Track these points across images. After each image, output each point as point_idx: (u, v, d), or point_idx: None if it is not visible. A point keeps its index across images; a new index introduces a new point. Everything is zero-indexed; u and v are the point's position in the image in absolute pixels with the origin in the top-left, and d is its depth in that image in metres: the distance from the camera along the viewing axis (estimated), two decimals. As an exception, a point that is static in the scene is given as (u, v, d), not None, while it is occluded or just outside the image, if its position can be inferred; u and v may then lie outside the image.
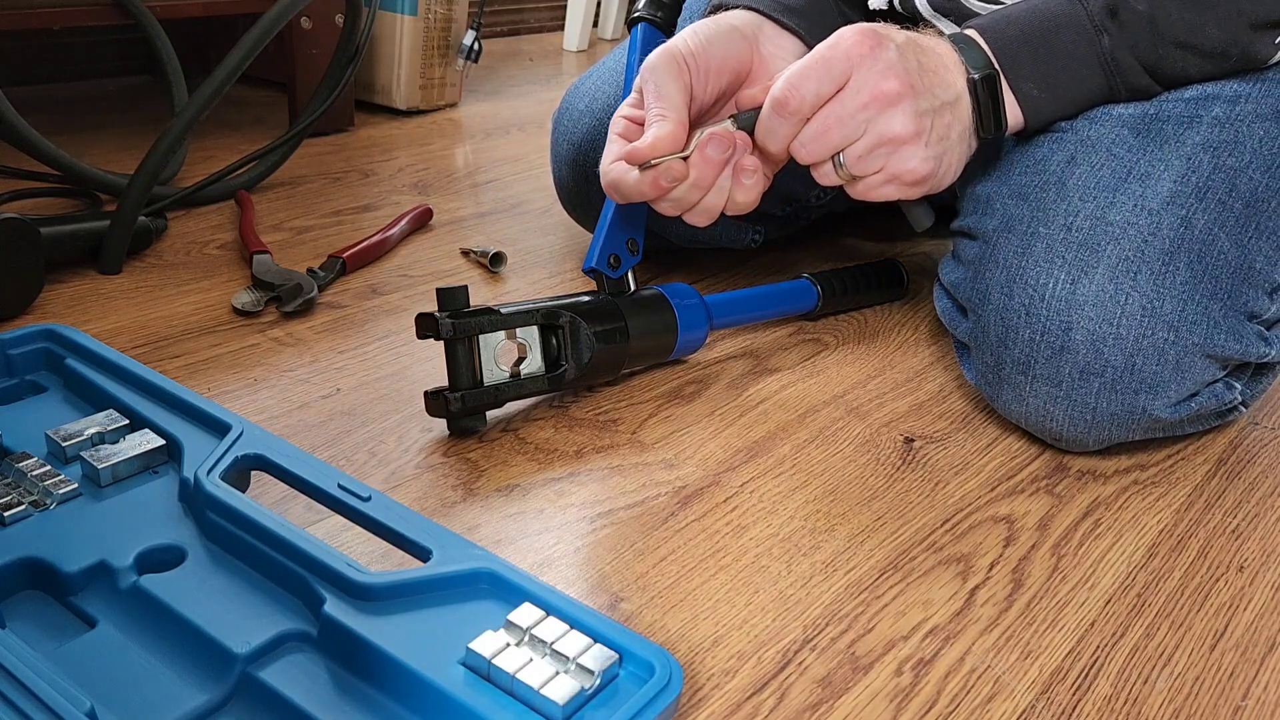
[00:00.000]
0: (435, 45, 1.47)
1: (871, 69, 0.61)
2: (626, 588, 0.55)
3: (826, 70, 0.61)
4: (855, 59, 0.61)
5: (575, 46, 2.12)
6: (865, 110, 0.61)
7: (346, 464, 0.64)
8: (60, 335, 0.65)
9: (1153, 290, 0.63)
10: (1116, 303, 0.63)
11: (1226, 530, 0.64)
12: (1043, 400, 0.66)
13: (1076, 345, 0.64)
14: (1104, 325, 0.63)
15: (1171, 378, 0.64)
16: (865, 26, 0.62)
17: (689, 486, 0.64)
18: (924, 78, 0.63)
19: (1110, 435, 0.67)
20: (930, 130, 0.63)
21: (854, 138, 0.62)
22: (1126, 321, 0.63)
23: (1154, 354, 0.63)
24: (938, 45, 0.66)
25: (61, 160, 0.97)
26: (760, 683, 0.50)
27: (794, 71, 0.62)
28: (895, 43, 0.62)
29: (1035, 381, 0.66)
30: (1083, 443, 0.68)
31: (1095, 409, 0.65)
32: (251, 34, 0.93)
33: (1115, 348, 0.63)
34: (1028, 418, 0.68)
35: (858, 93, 0.61)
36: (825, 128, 0.62)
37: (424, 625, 0.46)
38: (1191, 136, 0.68)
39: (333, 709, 0.43)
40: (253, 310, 0.83)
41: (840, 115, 0.61)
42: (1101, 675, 0.52)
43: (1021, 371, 0.66)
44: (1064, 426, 0.67)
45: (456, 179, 1.22)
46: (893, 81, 0.61)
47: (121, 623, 0.47)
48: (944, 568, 0.58)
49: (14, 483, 0.54)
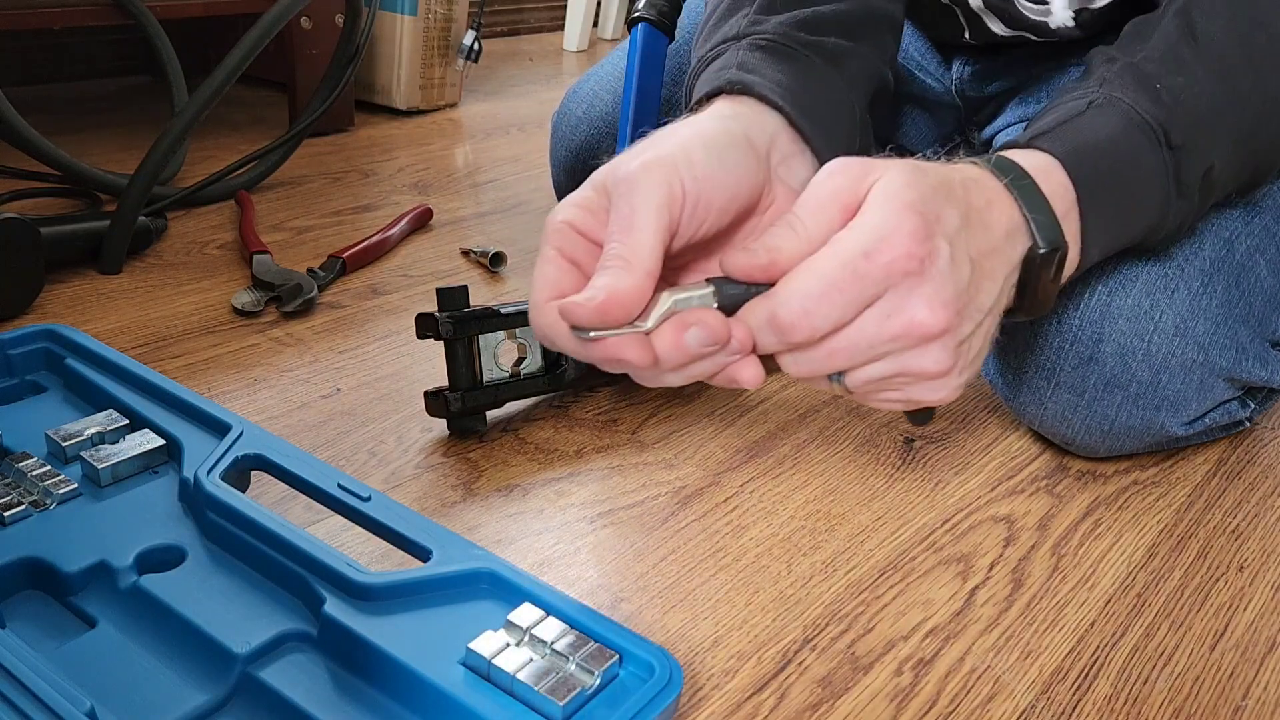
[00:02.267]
0: (435, 45, 1.47)
1: (914, 292, 0.43)
2: (626, 588, 0.55)
3: (857, 291, 0.43)
4: (896, 277, 0.43)
5: (575, 46, 2.12)
6: (893, 343, 0.44)
7: (346, 464, 0.64)
8: (60, 335, 0.65)
9: (1187, 309, 0.62)
10: (1150, 319, 0.62)
11: (1227, 530, 0.64)
12: (1063, 408, 0.66)
13: (1105, 357, 0.63)
14: (1135, 340, 0.63)
15: (1193, 397, 0.64)
16: (911, 203, 0.43)
17: (689, 486, 0.64)
18: (975, 286, 0.46)
19: (1121, 446, 0.67)
20: (964, 356, 0.47)
21: (867, 363, 0.46)
22: (1158, 338, 0.62)
23: (1180, 372, 0.63)
24: (996, 208, 0.48)
25: (61, 160, 0.97)
26: (760, 683, 0.50)
27: (810, 288, 0.43)
28: (948, 237, 0.44)
29: (1058, 389, 0.66)
30: (1092, 450, 0.68)
31: (1114, 421, 0.65)
32: (251, 34, 0.93)
33: (1144, 363, 0.63)
34: (1043, 422, 0.68)
35: (888, 320, 0.44)
36: (832, 353, 0.45)
37: (424, 625, 0.46)
38: None
39: (333, 709, 0.43)
40: (253, 310, 0.83)
41: (859, 344, 0.44)
42: (1102, 675, 0.52)
43: (1045, 378, 0.66)
44: (1079, 434, 0.67)
45: (456, 179, 1.22)
46: (939, 313, 0.44)
47: (121, 623, 0.47)
48: (944, 568, 0.58)
49: (14, 483, 0.54)
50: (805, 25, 0.59)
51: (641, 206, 0.43)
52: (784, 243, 0.44)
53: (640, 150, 0.46)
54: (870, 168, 0.45)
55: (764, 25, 0.59)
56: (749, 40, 0.58)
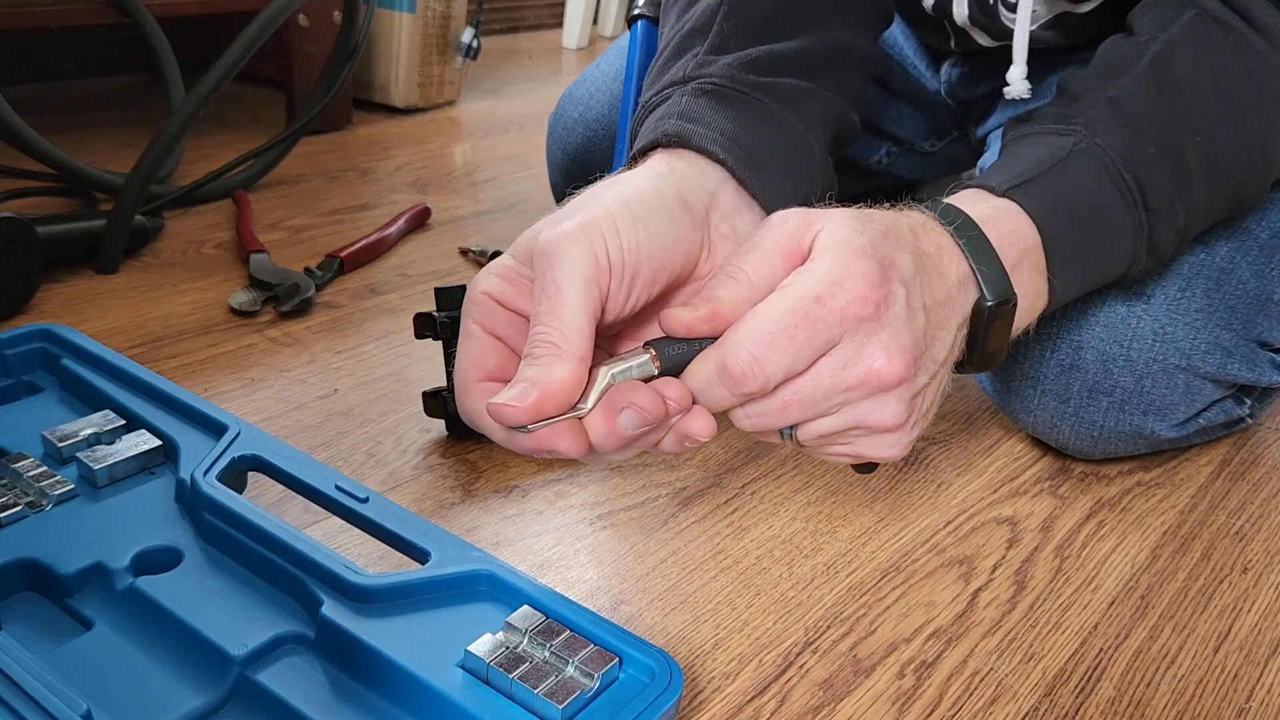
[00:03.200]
0: (434, 43, 1.47)
1: (870, 339, 0.42)
2: (626, 590, 0.55)
3: (809, 337, 0.41)
4: (851, 322, 0.41)
5: (574, 44, 2.11)
6: (850, 393, 0.42)
7: (344, 465, 0.64)
8: (57, 335, 0.65)
9: (1165, 316, 0.62)
10: (1128, 325, 0.62)
11: (1230, 532, 0.64)
12: (1050, 414, 0.66)
13: (1087, 364, 0.63)
14: (1114, 346, 0.63)
15: (1180, 401, 0.64)
16: (862, 248, 0.42)
17: (689, 488, 0.64)
18: (930, 336, 0.44)
19: (1115, 450, 0.67)
20: (918, 409, 0.45)
21: (821, 416, 0.43)
22: (1137, 345, 0.62)
23: (1163, 378, 0.63)
24: (946, 254, 0.46)
25: (58, 159, 0.97)
26: (761, 685, 0.49)
27: (759, 334, 0.41)
28: (903, 282, 0.43)
29: (1043, 396, 0.66)
30: (1088, 454, 0.68)
31: (1102, 426, 0.65)
32: (249, 32, 0.93)
33: (1125, 369, 0.63)
34: (1035, 428, 0.68)
35: (844, 369, 0.42)
36: (786, 405, 0.42)
37: (422, 627, 0.46)
38: None
39: (330, 712, 0.43)
40: (250, 310, 0.82)
41: (814, 395, 0.42)
42: (1105, 677, 0.52)
43: (1030, 386, 0.66)
44: (1070, 439, 0.67)
45: (455, 177, 1.22)
46: (897, 361, 0.42)
47: (118, 624, 0.46)
48: (946, 570, 0.58)
49: (10, 484, 0.53)
50: (757, 66, 0.54)
51: (566, 282, 0.40)
52: (725, 292, 0.42)
53: (565, 215, 0.43)
54: (814, 216, 0.43)
55: (712, 67, 0.54)
56: (694, 85, 0.53)
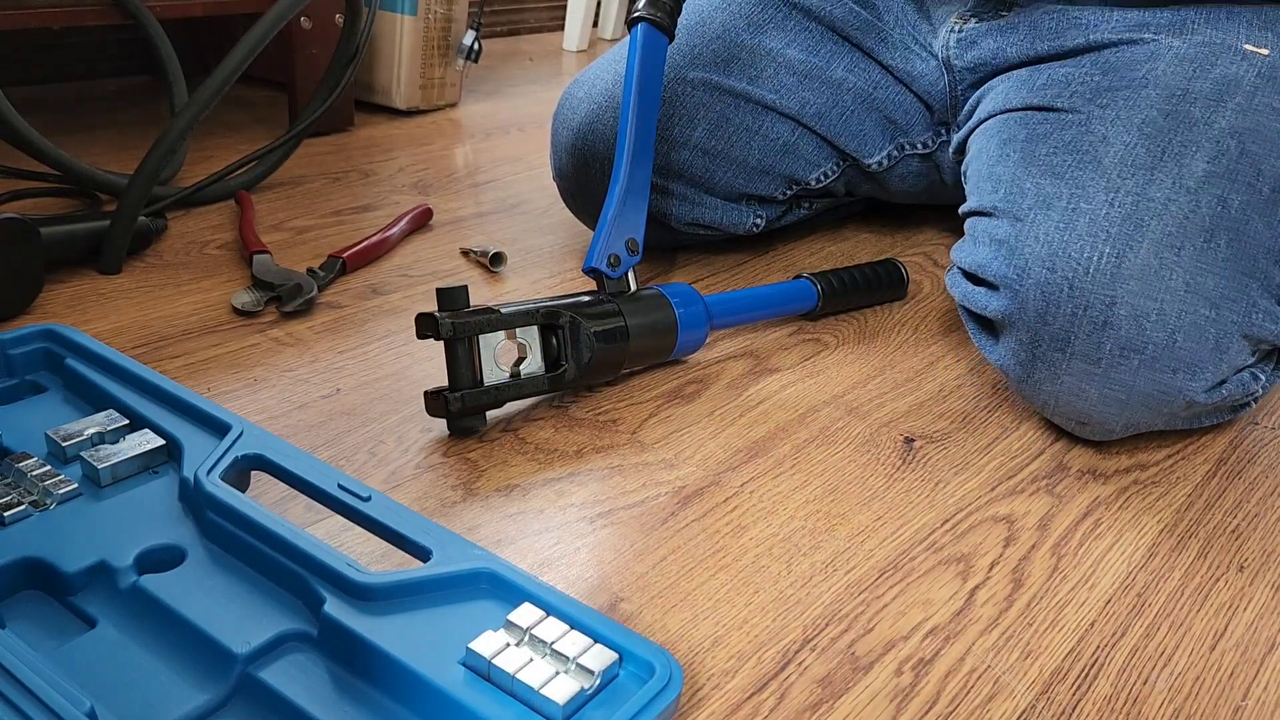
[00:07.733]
0: (435, 45, 1.47)
1: None
2: (626, 588, 0.55)
3: None
4: None
5: (575, 46, 2.12)
6: None
7: (346, 464, 0.64)
8: (60, 335, 0.65)
9: (1195, 266, 0.63)
10: (1160, 278, 0.63)
11: (1227, 530, 0.64)
12: (1078, 378, 0.66)
13: (1119, 320, 0.63)
14: (1147, 300, 0.63)
15: (1209, 358, 0.64)
16: None
17: (689, 486, 0.64)
18: None
19: (1139, 419, 0.66)
20: None
21: None
22: (1169, 297, 0.63)
23: (1195, 331, 0.63)
24: None
25: (61, 160, 0.97)
26: (760, 683, 0.50)
27: None
28: None
29: (1073, 359, 0.65)
30: (1108, 427, 0.67)
31: (1131, 388, 0.64)
32: (252, 34, 0.93)
33: (1158, 323, 0.63)
34: (1058, 398, 0.68)
35: None
36: None
37: (424, 625, 0.46)
38: (1217, 121, 0.69)
39: (333, 709, 0.43)
40: (253, 310, 0.83)
41: None
42: (1101, 675, 0.52)
43: (1059, 348, 0.66)
44: (1095, 406, 0.66)
45: (456, 179, 1.22)
46: None
47: (121, 623, 0.47)
48: (944, 568, 0.58)
49: (14, 483, 0.54)
50: None
51: None
52: None
53: None
54: None
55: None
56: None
